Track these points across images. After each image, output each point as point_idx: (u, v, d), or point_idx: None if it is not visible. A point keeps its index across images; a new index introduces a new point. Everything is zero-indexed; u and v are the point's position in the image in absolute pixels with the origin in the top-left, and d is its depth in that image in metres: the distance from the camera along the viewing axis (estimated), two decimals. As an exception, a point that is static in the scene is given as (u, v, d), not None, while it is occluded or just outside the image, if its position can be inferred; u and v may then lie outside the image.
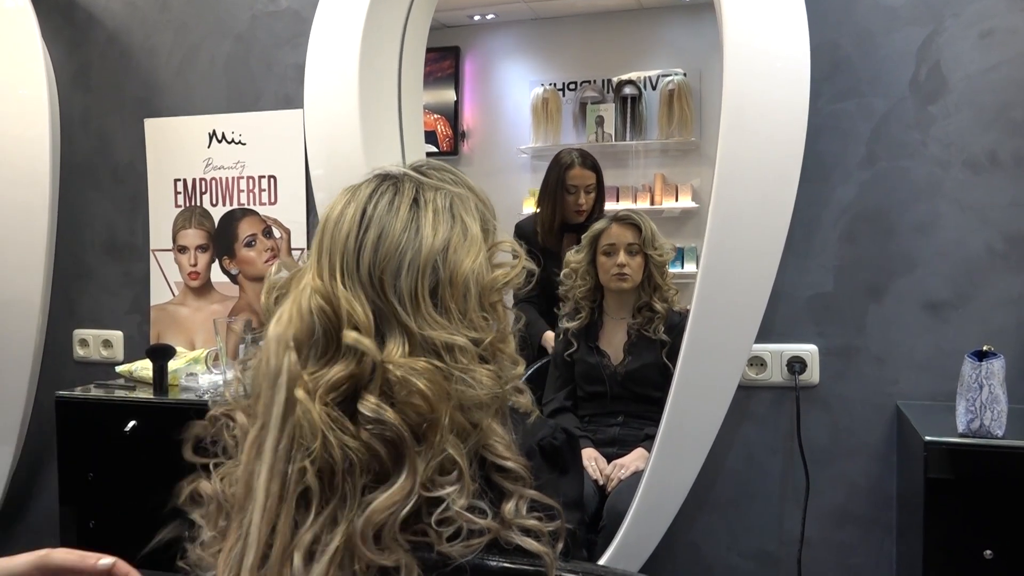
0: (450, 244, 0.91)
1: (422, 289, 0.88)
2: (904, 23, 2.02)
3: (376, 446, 0.82)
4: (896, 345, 2.05)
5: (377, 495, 0.81)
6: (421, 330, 0.86)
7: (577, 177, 2.97)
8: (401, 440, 0.82)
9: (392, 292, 0.87)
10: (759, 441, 2.16)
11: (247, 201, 2.59)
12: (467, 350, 0.87)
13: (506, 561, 0.83)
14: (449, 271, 0.89)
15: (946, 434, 1.71)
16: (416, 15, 2.32)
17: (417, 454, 0.82)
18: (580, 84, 4.54)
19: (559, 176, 2.98)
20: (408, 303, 0.87)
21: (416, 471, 0.82)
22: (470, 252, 0.91)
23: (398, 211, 0.91)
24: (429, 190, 0.94)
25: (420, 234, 0.90)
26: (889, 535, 2.08)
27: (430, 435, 0.82)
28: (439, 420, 0.83)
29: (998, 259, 1.98)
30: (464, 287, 0.90)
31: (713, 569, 2.21)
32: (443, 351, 0.86)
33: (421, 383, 0.83)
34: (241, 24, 2.55)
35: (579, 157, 3.02)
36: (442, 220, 0.92)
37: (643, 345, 2.49)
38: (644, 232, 2.51)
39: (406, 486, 0.81)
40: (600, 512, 2.26)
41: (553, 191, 2.99)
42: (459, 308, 0.89)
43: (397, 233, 0.89)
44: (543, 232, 2.98)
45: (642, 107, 4.43)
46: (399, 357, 0.85)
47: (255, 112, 2.55)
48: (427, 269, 0.88)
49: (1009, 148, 1.96)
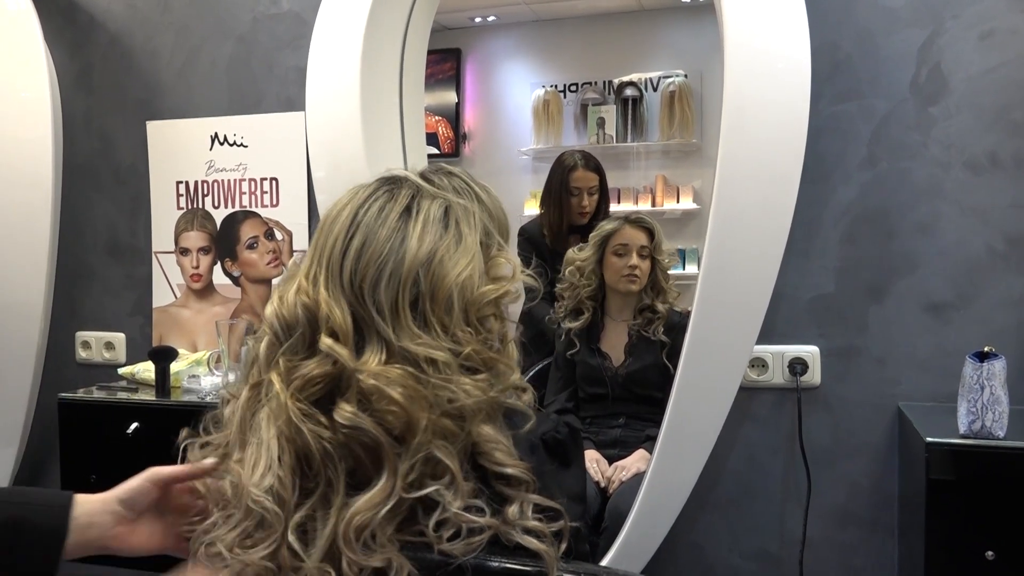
0: (436, 255, 0.89)
1: (402, 301, 0.87)
2: (904, 24, 2.02)
3: (353, 446, 0.83)
4: (897, 346, 2.05)
5: (359, 498, 0.81)
6: (400, 342, 0.86)
7: (580, 179, 2.96)
8: (378, 445, 0.82)
9: (371, 302, 0.87)
10: (761, 442, 2.17)
11: (249, 203, 2.59)
12: (449, 364, 0.86)
13: (507, 561, 0.84)
14: (432, 284, 0.88)
15: (948, 435, 1.71)
16: (417, 17, 2.32)
17: (397, 456, 0.82)
18: (581, 86, 4.54)
19: (562, 178, 2.97)
20: (388, 314, 0.87)
21: (396, 473, 0.82)
22: (458, 263, 0.90)
23: (386, 219, 0.90)
24: (426, 198, 0.93)
25: (405, 244, 0.89)
26: (891, 536, 2.08)
27: (409, 438, 0.82)
28: (417, 425, 0.82)
29: (999, 260, 1.98)
30: (447, 301, 0.88)
31: (715, 569, 2.21)
32: (423, 363, 0.85)
33: (394, 392, 0.82)
34: (243, 26, 2.55)
35: (582, 159, 3.01)
36: (431, 230, 0.90)
37: (643, 346, 2.49)
38: (656, 237, 2.52)
39: (387, 488, 0.81)
40: (602, 513, 2.26)
41: (557, 193, 2.97)
42: (440, 322, 0.88)
43: (381, 242, 0.89)
44: (551, 235, 2.98)
45: (643, 108, 4.42)
46: (374, 365, 0.84)
47: (257, 114, 2.55)
48: (408, 281, 0.87)
49: (1009, 149, 1.97)
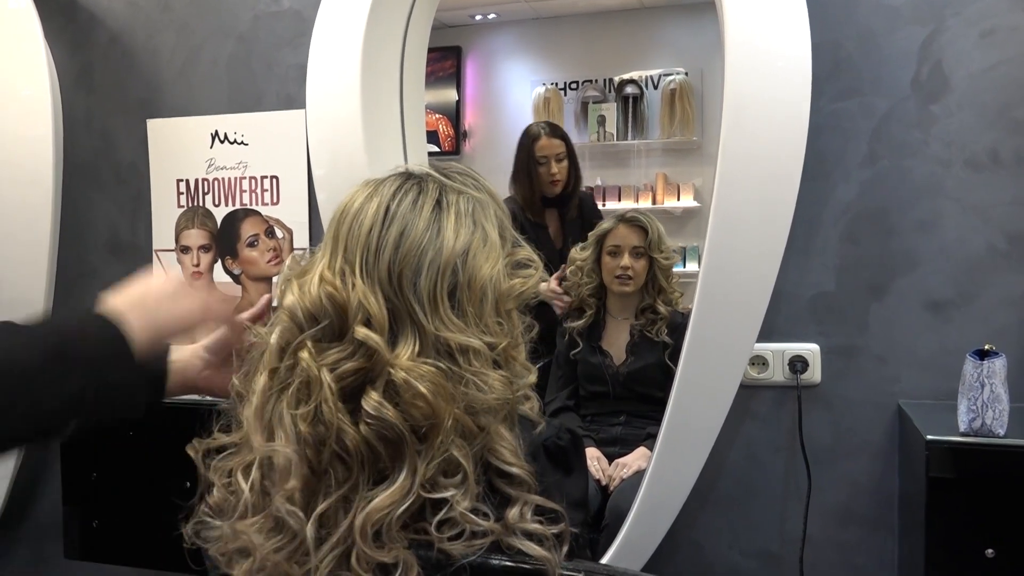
0: (470, 249, 0.91)
1: (441, 290, 0.88)
2: (905, 22, 2.02)
3: (374, 442, 0.83)
4: (898, 344, 2.05)
5: (378, 492, 0.81)
6: (437, 331, 0.87)
7: (545, 147, 2.96)
8: (401, 439, 0.82)
9: (411, 290, 0.87)
10: (761, 440, 2.17)
11: (249, 201, 2.59)
12: (481, 353, 0.88)
13: (508, 560, 0.84)
14: (468, 275, 0.90)
15: (948, 433, 1.71)
16: (418, 15, 2.32)
17: (418, 453, 0.82)
18: (582, 83, 4.55)
19: (529, 150, 2.98)
20: (427, 302, 0.87)
21: (416, 471, 0.82)
22: (489, 258, 0.92)
23: (421, 210, 0.91)
24: (452, 193, 0.94)
25: (442, 235, 0.90)
26: (892, 534, 2.08)
27: (432, 436, 0.83)
28: (441, 422, 0.83)
29: (1000, 258, 1.98)
30: (482, 292, 0.90)
31: (715, 567, 2.21)
32: (457, 353, 0.87)
33: (423, 387, 0.83)
34: (243, 24, 2.55)
35: (546, 127, 3.04)
36: (464, 224, 0.92)
37: (645, 346, 2.49)
38: (651, 234, 2.51)
39: (405, 485, 0.82)
40: (603, 511, 2.26)
41: (526, 165, 2.97)
42: (476, 312, 0.90)
43: (420, 232, 0.89)
44: (527, 207, 2.97)
45: (644, 106, 4.43)
46: (406, 359, 0.85)
47: (257, 112, 2.55)
48: (447, 271, 0.89)
49: (1011, 147, 1.96)
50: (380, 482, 0.83)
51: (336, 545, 0.81)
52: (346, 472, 0.83)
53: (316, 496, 0.83)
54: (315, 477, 0.83)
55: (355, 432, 0.83)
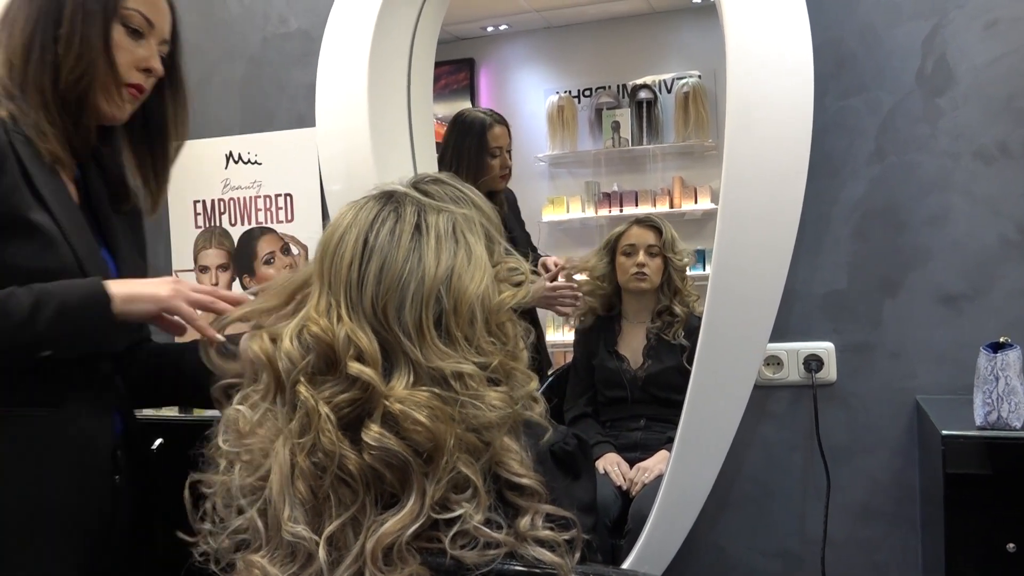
0: (454, 271, 0.90)
1: (427, 320, 0.88)
2: (908, 16, 2.01)
3: (380, 468, 0.83)
4: (912, 339, 2.04)
5: (388, 517, 0.82)
6: (428, 361, 0.87)
7: (499, 137, 2.67)
8: (407, 464, 0.83)
9: (397, 323, 0.87)
10: (778, 440, 2.16)
11: (265, 219, 2.63)
12: (475, 375, 0.88)
13: (521, 565, 0.84)
14: (454, 299, 0.89)
15: (964, 427, 1.69)
16: (423, 28, 2.34)
17: (425, 476, 0.83)
18: (595, 90, 4.54)
19: (480, 139, 2.64)
20: (413, 335, 0.87)
21: (425, 493, 0.82)
22: (475, 277, 0.91)
23: (399, 240, 0.91)
24: (432, 213, 0.94)
25: (423, 263, 0.90)
26: (914, 531, 2.06)
27: (436, 457, 0.83)
28: (444, 444, 0.83)
29: (1012, 249, 1.96)
30: (470, 313, 0.90)
31: (737, 569, 2.20)
32: (451, 379, 0.87)
33: (421, 415, 0.83)
34: (253, 47, 2.59)
35: (494, 114, 2.73)
36: (444, 246, 0.91)
37: (663, 349, 2.49)
38: (665, 235, 2.52)
39: (415, 509, 0.82)
40: (624, 516, 2.26)
41: (473, 155, 2.62)
42: (465, 335, 0.89)
43: (399, 264, 0.89)
44: None
45: (658, 111, 4.42)
46: (401, 390, 0.85)
47: (270, 132, 2.59)
48: (430, 300, 0.88)
49: (1018, 138, 1.95)
50: (390, 505, 0.83)
51: (350, 567, 0.82)
52: (352, 495, 0.84)
53: (322, 518, 0.84)
54: (318, 501, 0.84)
55: (358, 459, 0.83)
